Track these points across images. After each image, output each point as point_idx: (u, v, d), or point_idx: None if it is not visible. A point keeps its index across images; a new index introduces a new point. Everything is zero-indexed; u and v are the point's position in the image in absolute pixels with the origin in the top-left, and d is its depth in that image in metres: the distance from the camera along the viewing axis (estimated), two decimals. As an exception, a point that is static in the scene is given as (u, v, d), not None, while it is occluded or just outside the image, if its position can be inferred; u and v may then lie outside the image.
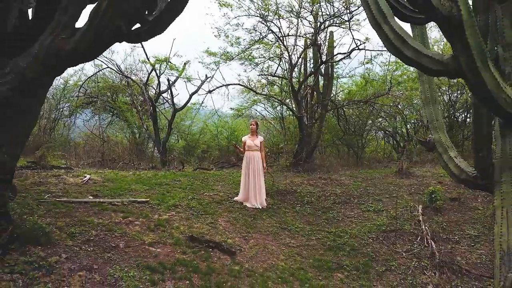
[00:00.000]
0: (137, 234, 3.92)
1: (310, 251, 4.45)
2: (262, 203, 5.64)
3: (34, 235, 3.16)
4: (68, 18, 2.72)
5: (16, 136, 2.92)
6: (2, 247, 2.78)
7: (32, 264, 2.82)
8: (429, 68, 2.02)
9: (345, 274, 3.97)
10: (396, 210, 5.59)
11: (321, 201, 6.22)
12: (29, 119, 3.00)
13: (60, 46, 2.73)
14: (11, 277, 2.61)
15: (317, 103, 8.57)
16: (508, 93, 1.95)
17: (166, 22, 3.42)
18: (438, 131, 3.11)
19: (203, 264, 3.58)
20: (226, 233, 4.51)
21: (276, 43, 8.29)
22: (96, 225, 3.93)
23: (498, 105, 1.98)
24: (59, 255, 3.09)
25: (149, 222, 4.34)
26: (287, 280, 3.65)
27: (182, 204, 5.15)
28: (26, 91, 2.80)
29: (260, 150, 5.89)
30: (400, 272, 4.15)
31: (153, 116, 9.64)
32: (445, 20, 1.85)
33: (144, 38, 3.49)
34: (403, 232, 5.12)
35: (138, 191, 5.54)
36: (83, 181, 5.72)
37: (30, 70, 2.73)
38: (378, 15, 2.19)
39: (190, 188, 6.07)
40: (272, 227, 4.99)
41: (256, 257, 4.07)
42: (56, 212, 4.08)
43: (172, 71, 9.47)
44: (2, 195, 2.85)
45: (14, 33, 2.81)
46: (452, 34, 1.90)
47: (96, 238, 3.63)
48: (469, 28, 1.85)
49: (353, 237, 4.92)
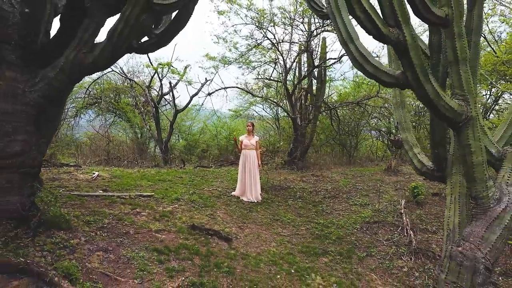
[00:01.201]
0: (144, 223, 4.41)
1: (299, 239, 4.94)
2: (257, 197, 6.13)
3: (57, 221, 3.65)
4: (89, 36, 3.21)
5: (45, 137, 3.41)
6: (32, 230, 3.27)
7: (57, 245, 3.31)
8: (384, 81, 2.52)
9: (329, 258, 4.46)
10: (380, 204, 6.08)
11: (312, 196, 6.72)
12: (55, 122, 3.50)
13: (81, 59, 3.22)
14: (42, 254, 3.11)
15: (311, 104, 9.06)
16: (446, 100, 2.45)
17: (170, 35, 3.92)
18: (405, 131, 3.61)
19: (203, 248, 4.07)
20: (224, 223, 5.00)
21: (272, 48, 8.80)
22: (108, 215, 4.42)
23: (438, 111, 2.47)
24: (79, 238, 3.59)
25: (154, 213, 4.82)
26: (277, 263, 4.14)
27: (184, 198, 5.64)
28: (54, 99, 3.29)
29: (256, 149, 6.38)
30: (379, 257, 4.64)
31: (156, 117, 10.13)
32: (394, 44, 2.35)
33: (152, 50, 3.98)
34: (385, 223, 5.62)
35: (143, 186, 6.04)
36: (92, 177, 6.22)
37: (57, 80, 3.22)
38: (346, 36, 2.69)
39: (191, 184, 6.56)
40: (266, 218, 5.49)
41: (251, 243, 4.56)
42: (72, 203, 4.57)
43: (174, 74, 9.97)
44: (33, 186, 3.35)
45: (42, 48, 3.30)
46: (401, 54, 2.40)
47: (109, 226, 4.12)
48: (412, 50, 2.35)
49: (340, 227, 5.41)
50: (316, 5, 3.24)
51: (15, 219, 3.19)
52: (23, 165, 3.23)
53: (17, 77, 3.05)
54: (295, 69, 9.50)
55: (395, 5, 2.30)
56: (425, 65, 2.40)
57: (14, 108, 3.08)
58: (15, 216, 3.18)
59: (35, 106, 3.17)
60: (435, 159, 3.17)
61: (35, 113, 3.21)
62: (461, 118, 2.50)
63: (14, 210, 3.17)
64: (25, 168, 3.25)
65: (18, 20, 2.98)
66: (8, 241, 3.04)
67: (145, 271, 3.31)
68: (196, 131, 12.82)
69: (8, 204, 3.15)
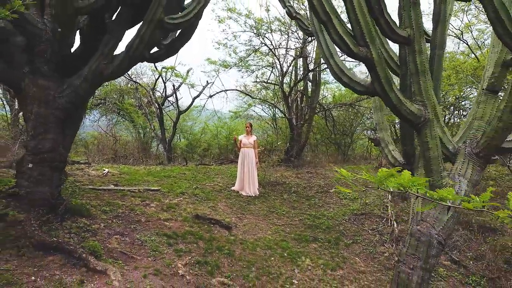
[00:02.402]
0: (154, 213, 4.94)
1: (292, 228, 5.47)
2: (255, 191, 6.67)
3: (79, 210, 4.19)
4: (108, 49, 3.75)
5: (70, 136, 3.94)
6: (60, 216, 3.80)
7: (81, 228, 3.85)
8: (357, 89, 3.05)
9: (319, 245, 5.00)
10: (368, 197, 6.62)
11: (306, 190, 7.26)
12: (78, 124, 4.03)
13: (102, 69, 3.76)
14: (70, 236, 3.65)
15: (306, 106, 9.60)
16: (407, 105, 2.99)
17: (178, 46, 4.46)
18: (382, 131, 4.14)
19: (207, 234, 4.60)
20: (224, 214, 5.54)
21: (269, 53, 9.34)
22: (121, 206, 4.95)
23: (401, 114, 3.01)
24: (98, 224, 4.13)
25: (162, 205, 5.36)
26: (272, 248, 4.68)
27: (188, 192, 6.17)
28: (78, 103, 3.83)
29: (254, 147, 6.92)
30: (364, 244, 5.18)
31: (160, 118, 10.66)
32: (364, 60, 2.88)
33: (161, 59, 4.51)
34: (372, 215, 6.16)
35: (150, 181, 6.57)
36: (103, 173, 6.75)
37: (81, 87, 3.76)
38: (327, 52, 3.23)
39: (194, 180, 7.10)
40: (263, 210, 6.03)
41: (248, 231, 5.10)
42: (88, 196, 5.10)
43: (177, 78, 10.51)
44: (60, 178, 3.88)
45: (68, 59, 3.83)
46: (369, 69, 2.93)
47: (123, 215, 4.66)
48: (378, 65, 2.88)
49: (330, 218, 5.95)
50: (304, 24, 3.77)
51: (46, 206, 3.71)
52: (53, 160, 3.76)
53: (49, 85, 3.58)
54: (291, 73, 10.05)
55: (364, 28, 2.84)
56: (389, 76, 2.93)
57: (46, 112, 3.62)
58: (46, 204, 3.71)
59: (63, 110, 3.70)
60: (405, 155, 3.71)
61: (63, 116, 3.75)
62: (420, 120, 3.03)
63: (45, 198, 3.70)
64: (54, 163, 3.79)
65: (50, 37, 3.51)
66: (42, 225, 3.57)
67: (157, 252, 3.84)
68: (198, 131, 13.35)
69: (41, 193, 3.68)
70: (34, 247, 3.33)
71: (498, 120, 2.92)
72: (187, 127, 13.36)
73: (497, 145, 3.02)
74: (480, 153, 3.06)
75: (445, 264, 4.86)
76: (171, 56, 4.50)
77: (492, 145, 3.01)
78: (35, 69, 3.51)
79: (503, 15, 2.45)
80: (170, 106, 11.83)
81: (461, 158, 3.15)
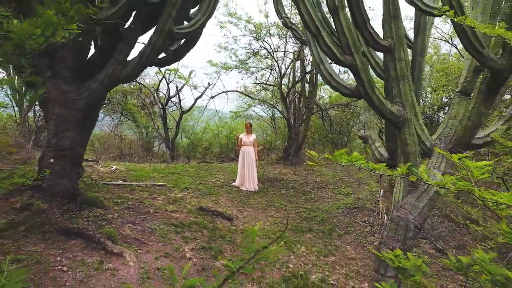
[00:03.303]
0: (161, 205, 5.35)
1: (289, 220, 5.89)
2: (255, 187, 7.08)
3: (94, 201, 4.60)
4: (123, 56, 4.16)
5: (86, 135, 4.36)
6: (78, 206, 4.21)
7: (98, 217, 4.26)
8: (344, 92, 3.47)
9: (313, 235, 5.41)
10: (361, 193, 7.03)
11: (303, 186, 7.67)
12: (93, 124, 4.45)
13: (117, 74, 4.17)
14: (88, 223, 4.06)
15: (304, 106, 10.01)
16: (388, 106, 3.40)
17: (183, 52, 4.87)
18: (370, 129, 4.56)
19: (210, 224, 5.02)
20: (226, 207, 5.95)
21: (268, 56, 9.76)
22: (131, 199, 5.37)
23: (383, 114, 3.42)
24: (112, 214, 4.54)
25: (168, 198, 5.77)
26: (270, 237, 5.08)
27: (191, 187, 6.59)
28: (94, 105, 4.24)
29: (253, 145, 7.33)
30: (355, 235, 5.59)
31: (164, 118, 11.07)
32: (349, 67, 3.30)
33: (168, 64, 4.93)
34: (364, 209, 6.57)
35: (156, 177, 6.98)
36: (111, 170, 7.16)
37: (98, 90, 4.17)
38: (318, 59, 3.64)
39: (197, 176, 7.52)
40: (262, 204, 6.44)
41: (248, 222, 5.51)
42: (101, 190, 5.51)
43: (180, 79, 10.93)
44: (78, 172, 4.30)
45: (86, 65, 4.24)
46: (354, 74, 3.34)
47: (133, 207, 5.07)
48: (362, 71, 3.30)
49: (324, 212, 6.37)
50: (298, 33, 4.18)
51: (66, 197, 4.13)
52: (72, 156, 4.17)
53: (70, 89, 3.99)
54: (289, 75, 10.46)
55: (349, 39, 3.25)
56: (371, 81, 3.35)
57: (67, 113, 4.03)
58: (66, 195, 4.12)
59: (81, 111, 4.12)
60: (389, 151, 4.12)
61: (81, 116, 4.16)
62: (400, 119, 3.44)
63: (66, 190, 4.11)
64: (73, 158, 4.20)
65: (72, 46, 3.92)
66: (63, 213, 3.98)
67: (166, 238, 4.26)
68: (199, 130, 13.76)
69: (62, 186, 4.09)
70: (58, 232, 3.75)
71: (467, 120, 3.35)
72: (189, 127, 13.77)
73: (466, 141, 3.44)
74: (452, 148, 3.48)
75: (429, 253, 5.28)
76: (177, 61, 4.92)
77: (462, 141, 3.43)
78: (56, 73, 3.91)
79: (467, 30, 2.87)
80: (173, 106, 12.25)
81: (436, 153, 3.57)
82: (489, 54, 3.02)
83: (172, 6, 3.84)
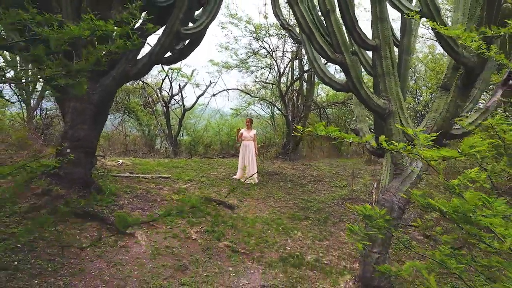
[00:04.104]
0: (167, 195, 5.72)
1: (287, 209, 6.26)
2: (254, 180, 7.45)
3: (106, 189, 4.97)
4: (133, 55, 4.52)
5: (99, 128, 4.73)
6: (92, 192, 4.58)
7: (110, 203, 4.63)
8: (336, 87, 3.84)
9: (309, 222, 5.78)
10: (356, 185, 7.40)
11: (300, 179, 8.04)
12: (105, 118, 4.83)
13: (128, 71, 4.54)
14: (102, 208, 4.43)
15: (302, 104, 10.39)
16: (374, 100, 3.77)
17: (187, 52, 5.24)
18: (361, 123, 4.93)
19: (213, 212, 5.38)
20: (227, 197, 6.32)
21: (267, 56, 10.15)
22: (138, 189, 5.73)
23: (370, 107, 3.79)
24: (122, 201, 4.91)
25: (173, 189, 6.14)
26: (269, 224, 5.45)
27: (195, 179, 6.96)
28: (106, 100, 4.61)
29: (253, 140, 7.70)
30: (349, 222, 5.96)
31: (167, 115, 11.45)
32: (339, 64, 3.67)
33: (174, 62, 5.30)
34: (358, 200, 6.94)
35: (161, 170, 7.35)
36: (118, 164, 7.52)
37: (110, 86, 4.54)
38: (312, 57, 4.01)
39: (200, 170, 7.89)
40: (261, 195, 6.81)
41: (249, 211, 5.88)
42: (110, 180, 5.88)
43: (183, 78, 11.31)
44: (91, 161, 4.67)
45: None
46: (344, 71, 3.72)
47: (141, 195, 5.44)
48: (351, 68, 3.67)
49: (320, 202, 6.73)
50: (294, 34, 4.56)
51: (81, 184, 4.50)
52: (86, 146, 4.54)
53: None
54: (287, 73, 10.85)
55: (339, 40, 3.62)
56: (359, 77, 3.72)
57: (82, 106, 4.40)
58: (81, 182, 4.49)
59: (95, 105, 4.48)
60: (377, 140, 4.50)
61: (95, 110, 4.53)
62: (385, 111, 3.82)
63: (81, 178, 4.48)
64: (87, 149, 4.57)
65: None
66: (79, 198, 4.35)
67: (173, 222, 4.63)
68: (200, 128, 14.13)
69: (77, 174, 4.46)
70: (75, 215, 4.12)
71: (446, 111, 3.73)
72: (190, 125, 14.13)
73: (446, 131, 3.81)
74: (433, 138, 3.85)
75: (418, 239, 5.65)
76: (182, 60, 5.30)
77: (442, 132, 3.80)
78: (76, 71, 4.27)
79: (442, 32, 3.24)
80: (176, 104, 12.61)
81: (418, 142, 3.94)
82: (463, 53, 3.40)
83: (179, 9, 4.21)
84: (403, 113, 4.05)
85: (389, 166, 4.13)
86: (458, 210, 1.26)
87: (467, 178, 1.53)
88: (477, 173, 1.54)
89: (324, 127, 1.68)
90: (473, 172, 1.54)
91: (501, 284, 1.34)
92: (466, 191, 1.48)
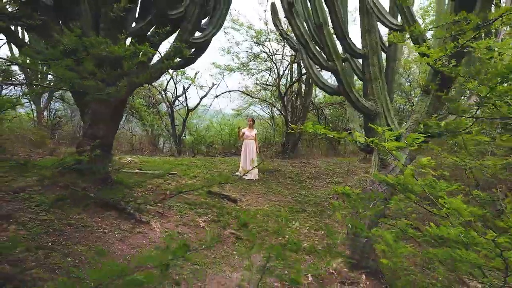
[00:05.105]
0: (175, 189, 6.20)
1: (286, 203, 6.74)
2: (255, 176, 7.94)
3: (120, 183, 5.45)
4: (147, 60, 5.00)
5: (115, 127, 5.21)
6: (109, 186, 5.06)
7: (126, 195, 5.10)
8: (328, 91, 4.32)
9: (306, 214, 6.26)
10: (351, 181, 7.88)
11: (299, 176, 8.53)
12: (120, 118, 5.30)
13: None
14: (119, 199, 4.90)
15: (300, 105, 10.88)
16: (362, 102, 4.25)
17: (194, 59, 5.71)
18: (353, 122, 5.41)
19: (218, 204, 5.87)
20: (231, 192, 6.80)
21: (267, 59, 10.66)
22: (148, 183, 6.21)
23: (359, 108, 4.28)
24: (136, 193, 5.39)
25: (180, 184, 6.62)
26: (269, 215, 5.94)
27: (199, 176, 7.44)
28: (122, 102, 5.09)
29: (255, 139, 8.19)
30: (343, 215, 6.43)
31: (171, 115, 11.94)
32: (332, 71, 4.15)
33: (181, 68, 5.77)
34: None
35: (167, 168, 7.83)
36: (127, 161, 8.01)
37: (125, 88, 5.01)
38: (307, 64, 4.50)
39: (204, 167, 8.37)
40: (262, 190, 7.29)
41: (251, 204, 6.36)
42: (122, 176, 6.36)
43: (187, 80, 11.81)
44: (108, 156, 5.15)
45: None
46: (336, 77, 4.20)
47: (151, 189, 5.92)
48: (341, 74, 4.16)
49: (317, 197, 7.22)
50: (292, 43, 5.04)
51: (100, 178, 4.97)
52: (104, 144, 5.02)
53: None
54: (287, 76, 11.36)
55: (331, 49, 4.10)
56: (349, 82, 4.21)
57: (101, 108, 4.88)
58: (99, 176, 4.97)
59: (113, 106, 4.97)
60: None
61: (112, 111, 5.01)
62: (372, 112, 4.30)
63: (100, 172, 4.96)
64: (105, 146, 5.05)
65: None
66: (99, 190, 4.82)
67: (182, 213, 5.11)
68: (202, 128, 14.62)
69: (97, 169, 4.93)
70: (96, 205, 4.60)
71: (426, 113, 4.21)
72: (192, 125, 14.62)
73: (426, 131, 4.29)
74: (415, 136, 4.33)
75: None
76: (189, 65, 5.77)
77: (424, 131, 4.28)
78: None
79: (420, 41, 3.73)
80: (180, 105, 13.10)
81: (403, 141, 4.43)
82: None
83: (188, 21, 4.69)
84: (389, 114, 4.54)
85: (377, 162, 4.62)
86: (400, 181, 1.75)
87: (419, 165, 2.03)
88: (429, 160, 2.04)
89: (312, 126, 2.15)
90: (425, 160, 2.04)
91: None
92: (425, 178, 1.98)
